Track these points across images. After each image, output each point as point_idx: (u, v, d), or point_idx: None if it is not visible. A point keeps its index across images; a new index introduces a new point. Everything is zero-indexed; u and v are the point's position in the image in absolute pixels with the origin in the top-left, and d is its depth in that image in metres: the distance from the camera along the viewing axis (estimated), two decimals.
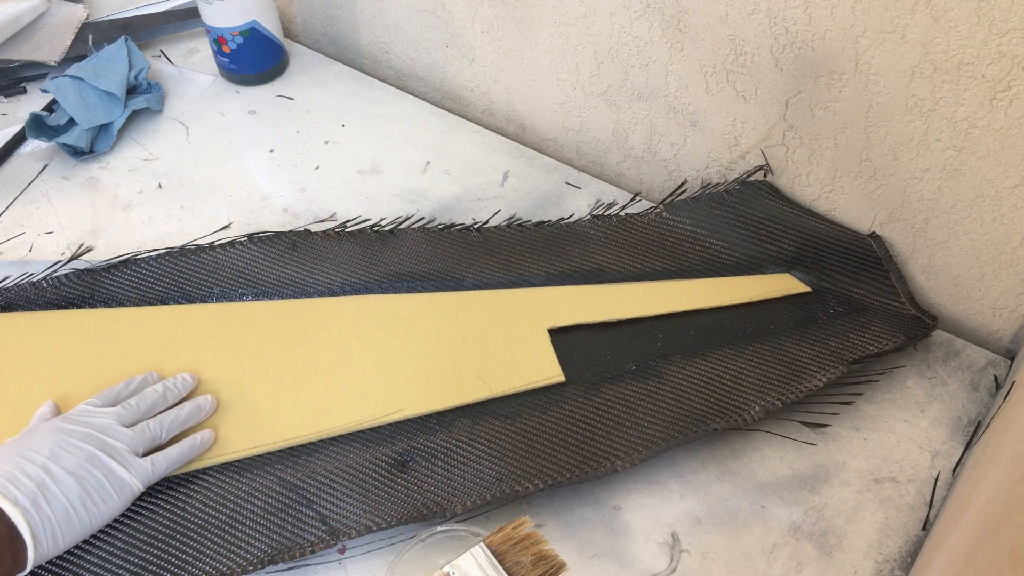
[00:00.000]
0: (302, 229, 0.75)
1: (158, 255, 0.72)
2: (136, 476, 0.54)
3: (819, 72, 0.65)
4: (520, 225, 0.76)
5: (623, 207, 0.78)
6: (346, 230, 0.75)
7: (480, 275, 0.71)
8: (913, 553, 0.56)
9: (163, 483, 0.57)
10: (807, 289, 0.70)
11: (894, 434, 0.63)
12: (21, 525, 0.48)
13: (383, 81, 0.95)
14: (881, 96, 0.63)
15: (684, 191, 0.79)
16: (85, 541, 0.54)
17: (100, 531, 0.55)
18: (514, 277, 0.71)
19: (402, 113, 0.90)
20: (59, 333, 0.66)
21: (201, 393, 0.62)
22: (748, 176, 0.75)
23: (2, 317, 0.67)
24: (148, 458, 0.55)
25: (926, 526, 0.57)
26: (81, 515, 0.51)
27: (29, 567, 0.49)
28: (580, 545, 0.57)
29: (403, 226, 0.76)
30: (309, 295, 0.70)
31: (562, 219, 0.77)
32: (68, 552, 0.54)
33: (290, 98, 0.92)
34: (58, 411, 0.59)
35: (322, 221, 0.78)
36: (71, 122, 0.83)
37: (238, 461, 0.59)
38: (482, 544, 0.51)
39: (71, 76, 0.84)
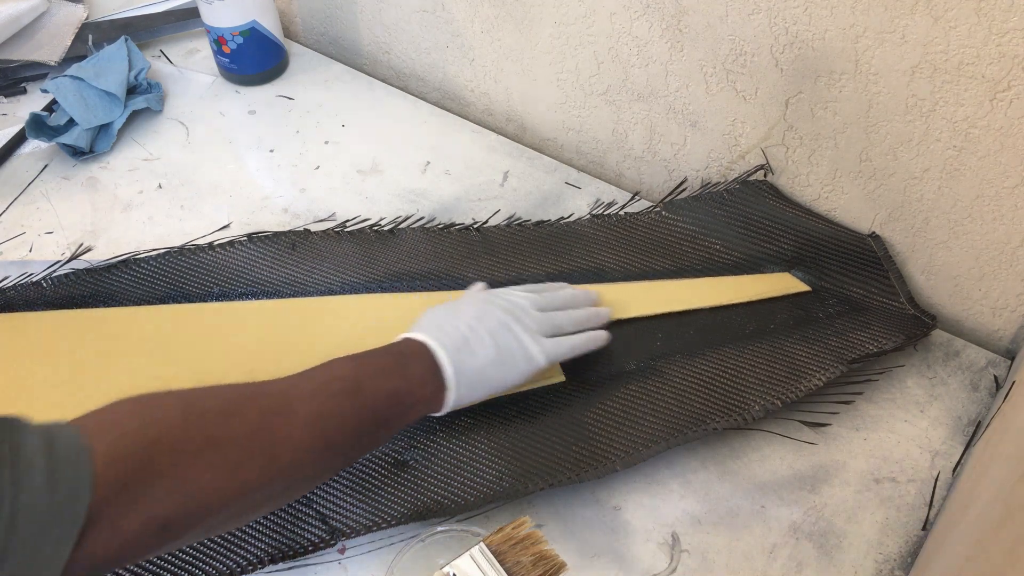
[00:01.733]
0: (302, 229, 0.75)
1: (158, 255, 0.72)
2: (541, 351, 0.57)
3: (819, 72, 0.65)
4: (520, 225, 0.76)
5: (623, 207, 0.78)
6: (346, 230, 0.75)
7: (480, 275, 0.71)
8: (913, 553, 0.56)
9: None
10: (807, 288, 0.70)
11: (894, 434, 0.63)
12: (446, 367, 0.53)
13: (383, 81, 0.95)
14: (881, 96, 0.63)
15: (684, 190, 0.79)
16: None
17: None
18: (514, 276, 0.71)
19: (402, 113, 0.90)
20: (59, 333, 0.66)
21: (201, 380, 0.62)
22: (748, 176, 0.75)
23: (2, 317, 0.67)
24: (553, 339, 0.59)
25: (926, 526, 0.57)
26: (491, 373, 0.55)
27: (444, 410, 0.55)
28: (580, 545, 0.57)
29: (403, 226, 0.76)
30: (309, 295, 0.70)
31: (562, 219, 0.77)
32: None
33: (290, 98, 0.92)
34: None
35: (322, 221, 0.78)
36: (71, 122, 0.83)
37: None
38: (482, 544, 0.51)
39: (71, 76, 0.84)
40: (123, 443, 0.39)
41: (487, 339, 0.55)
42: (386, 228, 0.76)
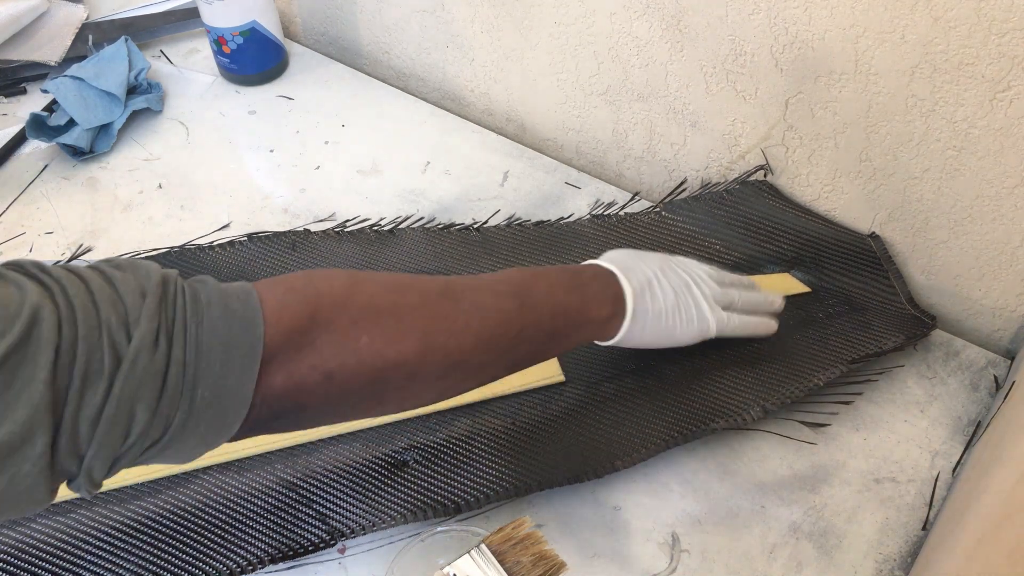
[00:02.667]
0: (302, 229, 0.75)
1: (158, 255, 0.72)
2: (714, 319, 0.58)
3: (819, 72, 0.65)
4: (520, 225, 0.76)
5: (623, 207, 0.78)
6: (346, 230, 0.75)
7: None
8: (913, 553, 0.56)
9: (163, 482, 0.58)
10: (807, 289, 0.70)
11: (894, 434, 0.63)
12: (628, 296, 0.55)
13: (383, 81, 0.95)
14: (881, 96, 0.63)
15: (683, 190, 0.79)
16: (85, 541, 0.54)
17: (100, 531, 0.55)
18: None
19: (402, 113, 0.90)
20: None
21: None
22: (748, 176, 0.75)
23: None
24: (726, 312, 0.60)
25: (926, 526, 0.57)
26: (668, 322, 0.57)
27: (614, 339, 0.56)
28: (580, 545, 0.57)
29: (403, 226, 0.76)
30: None
31: (562, 219, 0.77)
32: (67, 552, 0.54)
33: (290, 98, 0.92)
34: None
35: (322, 221, 0.78)
36: (71, 122, 0.83)
37: (238, 461, 0.59)
38: (482, 544, 0.51)
39: (71, 76, 0.84)
40: (290, 297, 0.42)
41: (669, 290, 0.57)
42: (386, 228, 0.76)
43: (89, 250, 0.75)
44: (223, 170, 0.83)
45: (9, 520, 0.55)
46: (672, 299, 0.57)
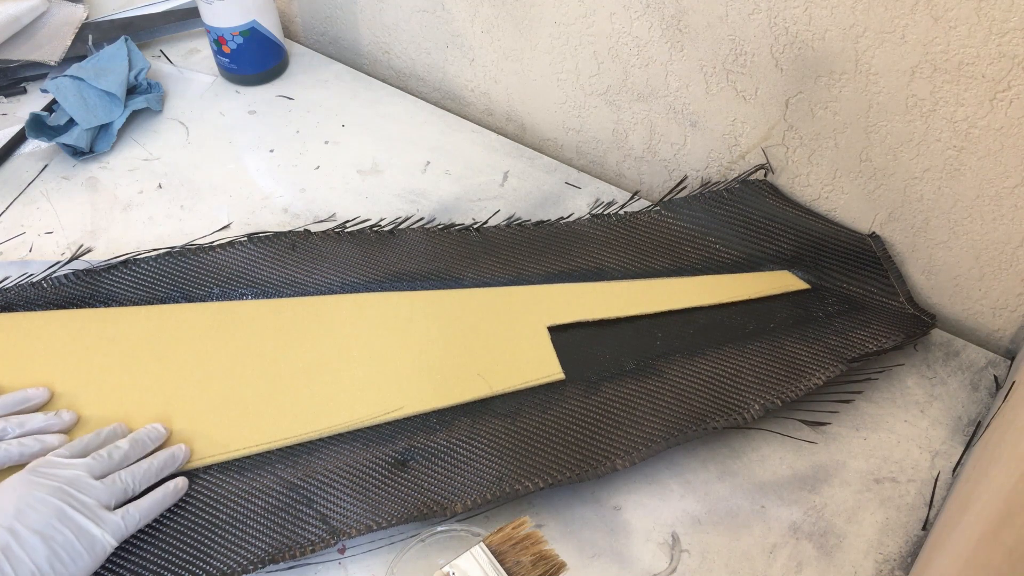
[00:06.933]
0: (302, 229, 0.75)
1: (158, 255, 0.72)
2: (108, 531, 0.51)
3: (819, 72, 0.65)
4: (520, 225, 0.76)
5: (622, 206, 0.78)
6: (346, 230, 0.75)
7: (480, 274, 0.71)
8: (913, 553, 0.56)
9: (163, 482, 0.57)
10: (806, 286, 0.70)
11: (894, 434, 0.63)
12: None
13: (383, 81, 0.95)
14: (881, 96, 0.63)
15: (683, 189, 0.79)
16: None
17: None
18: (514, 276, 0.71)
19: (402, 113, 0.90)
20: (59, 333, 0.66)
21: (203, 393, 0.62)
22: (748, 175, 0.75)
23: (2, 317, 0.67)
24: (120, 511, 0.52)
25: (926, 526, 0.57)
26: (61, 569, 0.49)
27: None
28: (580, 545, 0.57)
29: (403, 226, 0.76)
30: (309, 295, 0.70)
31: (562, 219, 0.77)
32: None
33: (290, 98, 0.92)
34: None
35: (322, 221, 0.78)
36: (71, 122, 0.83)
37: (238, 461, 0.59)
38: (482, 544, 0.51)
39: (71, 76, 0.84)
40: None
41: (34, 540, 0.48)
42: (386, 228, 0.76)
43: (89, 250, 0.75)
44: (223, 170, 0.83)
45: None
46: (43, 551, 0.47)
